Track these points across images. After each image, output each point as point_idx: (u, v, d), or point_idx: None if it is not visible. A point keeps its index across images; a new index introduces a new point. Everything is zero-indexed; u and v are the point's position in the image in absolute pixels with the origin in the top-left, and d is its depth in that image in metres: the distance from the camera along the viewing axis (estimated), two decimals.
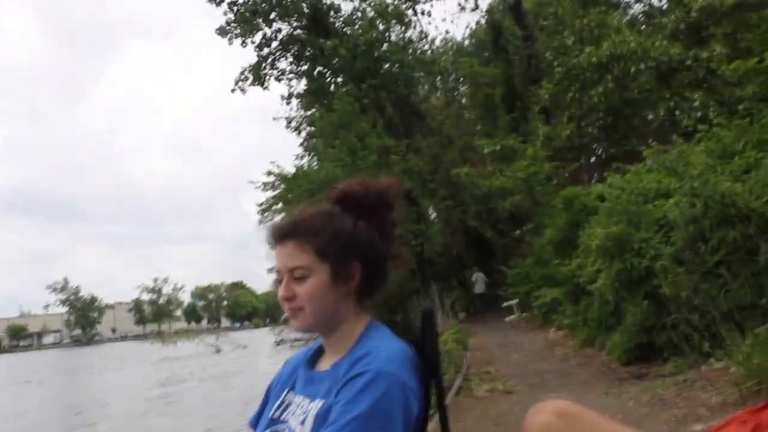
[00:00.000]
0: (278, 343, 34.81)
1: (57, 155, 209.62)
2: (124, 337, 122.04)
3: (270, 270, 1.69)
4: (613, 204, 8.55)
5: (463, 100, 28.80)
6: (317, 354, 1.64)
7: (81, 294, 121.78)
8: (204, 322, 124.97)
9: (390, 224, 1.59)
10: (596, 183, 13.56)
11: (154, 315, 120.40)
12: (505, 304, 19.20)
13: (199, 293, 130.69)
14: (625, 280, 7.77)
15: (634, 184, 8.59)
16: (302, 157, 28.45)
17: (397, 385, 1.37)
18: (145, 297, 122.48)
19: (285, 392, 1.60)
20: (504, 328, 16.52)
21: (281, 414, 1.55)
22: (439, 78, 29.43)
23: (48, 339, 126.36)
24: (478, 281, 23.81)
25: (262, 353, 30.55)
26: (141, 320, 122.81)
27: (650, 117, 13.86)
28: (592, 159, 18.65)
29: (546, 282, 13.50)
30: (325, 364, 1.56)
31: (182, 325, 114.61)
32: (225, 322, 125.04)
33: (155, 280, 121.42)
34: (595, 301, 8.96)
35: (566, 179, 15.77)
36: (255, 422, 1.65)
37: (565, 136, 15.59)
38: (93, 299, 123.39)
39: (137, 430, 10.62)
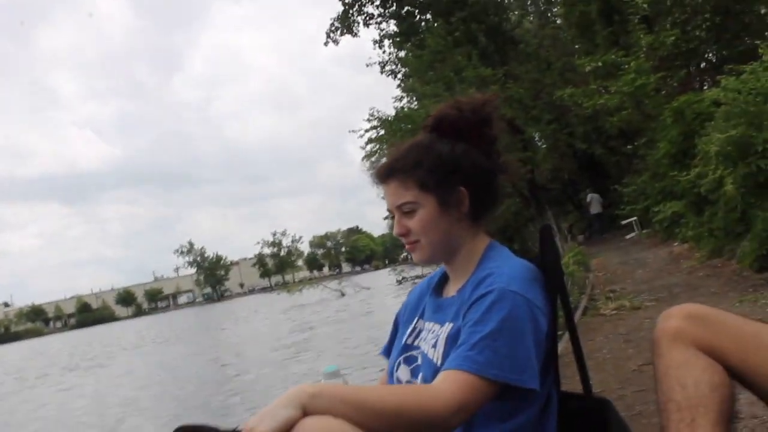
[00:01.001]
0: (400, 282, 35.31)
1: (162, 126, 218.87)
2: (251, 291, 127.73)
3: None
4: (730, 107, 8.15)
5: (558, 21, 27.64)
6: (442, 281, 1.67)
7: (206, 254, 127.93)
8: (325, 270, 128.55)
9: (491, 139, 1.56)
10: (709, 89, 12.85)
11: (277, 267, 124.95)
12: (624, 222, 18.77)
13: (318, 242, 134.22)
14: (752, 184, 7.46)
15: (751, 84, 8.13)
16: (401, 99, 28.39)
17: (523, 302, 1.38)
18: (267, 251, 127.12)
19: (415, 320, 1.65)
20: (625, 247, 16.17)
21: (413, 340, 1.61)
22: (530, 1, 28.37)
23: (182, 299, 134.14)
24: (594, 202, 23.31)
25: (385, 293, 31.29)
26: (265, 273, 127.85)
27: (763, 11, 12.90)
28: (702, 64, 17.60)
29: (665, 196, 13.05)
30: (450, 290, 1.59)
31: (305, 274, 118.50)
32: (345, 268, 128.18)
33: (273, 234, 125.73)
34: (720, 210, 8.64)
35: (675, 89, 15.00)
36: (387, 351, 1.73)
37: (670, 44, 14.73)
38: (218, 258, 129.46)
39: (280, 378, 11.21)
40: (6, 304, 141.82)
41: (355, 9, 26.46)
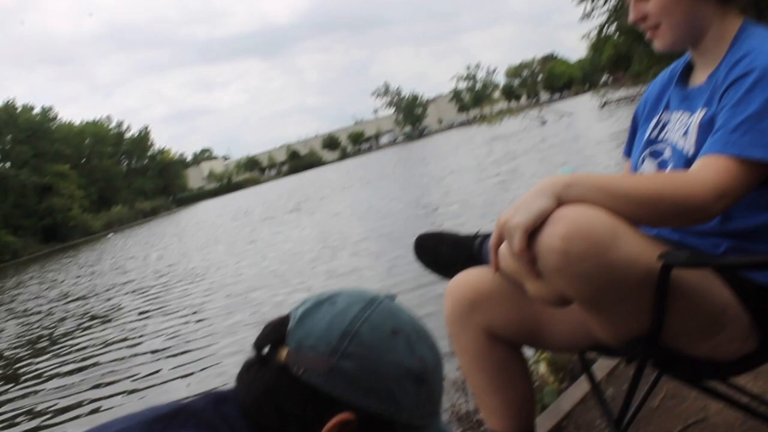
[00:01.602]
0: (603, 106, 33.93)
1: None
2: (450, 126, 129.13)
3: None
4: None
5: None
6: (686, 70, 1.55)
7: (403, 94, 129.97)
8: (523, 100, 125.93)
9: None
10: None
11: (474, 101, 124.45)
12: None
13: (513, 72, 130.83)
14: None
15: None
16: None
17: None
18: (462, 86, 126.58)
19: (659, 113, 1.56)
20: None
21: (659, 134, 1.52)
22: None
23: (383, 140, 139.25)
24: None
25: (588, 118, 30.10)
26: (462, 108, 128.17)
27: None
28: None
29: None
30: (698, 78, 1.47)
31: (502, 105, 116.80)
32: (543, 96, 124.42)
33: (467, 67, 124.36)
34: None
35: None
36: (628, 151, 1.66)
37: None
38: (414, 97, 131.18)
39: (487, 207, 11.34)
40: (225, 158, 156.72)
41: None
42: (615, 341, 1.29)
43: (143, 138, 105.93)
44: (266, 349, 0.89)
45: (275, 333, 0.89)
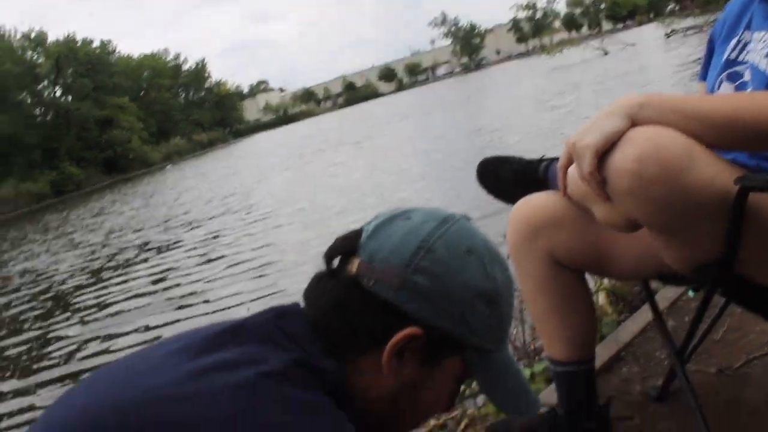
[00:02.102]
0: (669, 35, 32.53)
1: None
2: (508, 57, 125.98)
3: None
4: None
5: None
6: None
7: (460, 24, 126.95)
8: (584, 30, 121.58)
9: None
10: None
11: (533, 31, 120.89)
12: None
13: (574, 1, 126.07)
14: None
15: None
16: None
17: None
18: (521, 15, 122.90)
19: (739, 33, 1.46)
20: None
21: (738, 55, 1.44)
22: None
23: (440, 71, 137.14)
24: None
25: (652, 48, 28.93)
26: (521, 38, 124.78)
27: None
28: None
29: None
30: None
31: (562, 35, 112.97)
32: (606, 26, 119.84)
33: None
34: None
35: None
36: (703, 76, 1.58)
37: None
38: (472, 26, 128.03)
39: (549, 136, 11.12)
40: (281, 90, 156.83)
41: None
42: (684, 268, 1.25)
43: (200, 70, 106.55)
44: (336, 262, 0.89)
45: (346, 245, 0.88)
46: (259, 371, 0.73)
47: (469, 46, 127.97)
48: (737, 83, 1.40)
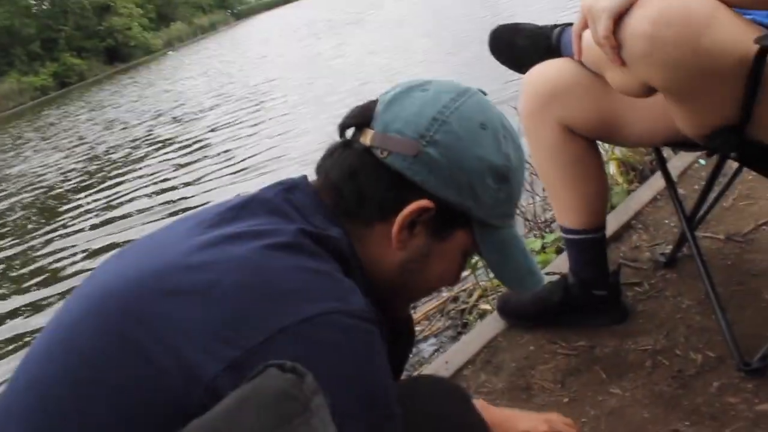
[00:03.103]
0: None
1: None
2: None
3: None
4: None
5: None
6: None
7: None
8: None
9: None
10: None
11: None
12: None
13: None
14: None
15: None
16: None
17: None
18: None
19: None
20: None
21: None
22: None
23: None
24: None
25: None
26: None
27: None
28: None
29: None
30: None
31: None
32: None
33: None
34: None
35: None
36: None
37: None
38: None
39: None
40: None
41: None
42: (698, 133, 1.24)
43: None
44: (351, 132, 0.89)
45: (361, 116, 0.88)
46: (264, 243, 0.74)
47: None
48: None
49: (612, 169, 2.64)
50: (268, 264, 0.73)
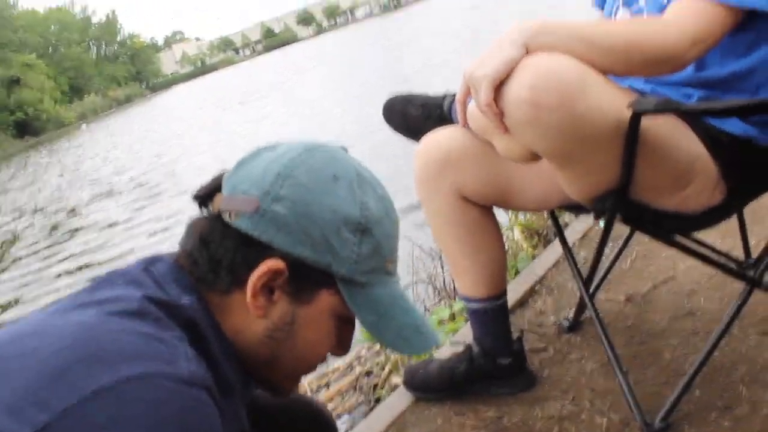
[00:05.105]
0: None
1: None
2: None
3: None
4: None
5: None
6: None
7: None
8: None
9: None
10: None
11: None
12: None
13: None
14: None
15: None
16: None
17: None
18: None
19: None
20: None
21: None
22: None
23: (359, 13, 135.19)
24: None
25: None
26: None
27: None
28: None
29: None
30: None
31: None
32: None
33: None
34: None
35: None
36: (600, 2, 1.54)
37: None
38: None
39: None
40: (197, 39, 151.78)
41: None
42: (584, 196, 1.26)
43: (111, 23, 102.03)
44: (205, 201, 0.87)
45: (212, 184, 0.87)
46: (106, 310, 0.72)
47: None
48: (633, 8, 1.39)
49: (516, 234, 2.68)
50: (102, 328, 0.69)
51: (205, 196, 0.87)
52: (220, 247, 0.81)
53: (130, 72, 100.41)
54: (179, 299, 0.77)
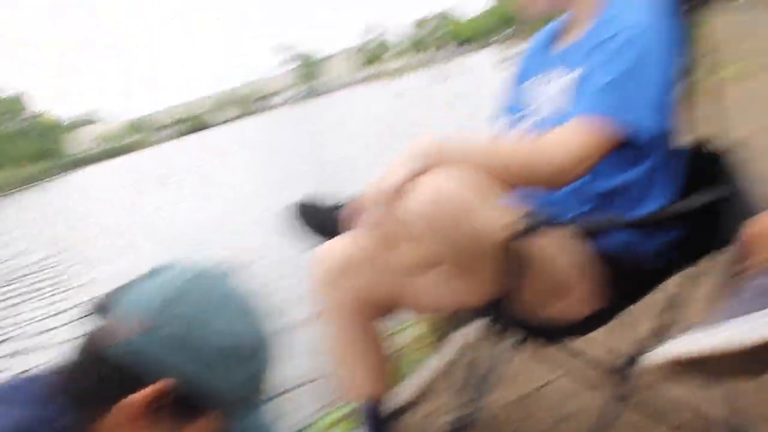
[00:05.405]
0: (502, 62, 34.69)
1: None
2: (350, 83, 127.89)
3: None
4: None
5: None
6: (557, 35, 1.58)
7: (300, 50, 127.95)
8: (428, 53, 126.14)
9: None
10: None
11: (371, 58, 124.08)
12: None
13: (411, 31, 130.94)
14: None
15: None
16: None
17: (655, 41, 1.32)
18: (359, 42, 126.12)
19: (535, 74, 1.57)
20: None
21: (532, 95, 1.55)
22: None
23: (279, 99, 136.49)
24: None
25: (487, 74, 30.40)
26: (366, 63, 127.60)
27: None
28: None
29: None
30: (573, 38, 1.50)
31: (407, 59, 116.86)
32: (449, 49, 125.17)
33: (365, 25, 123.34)
34: None
35: None
36: (500, 115, 1.66)
37: None
38: (310, 55, 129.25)
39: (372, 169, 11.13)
40: (112, 119, 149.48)
41: None
42: (474, 303, 1.35)
43: (15, 100, 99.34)
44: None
45: (102, 303, 0.87)
46: None
47: (310, 73, 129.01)
48: (532, 121, 1.51)
49: (406, 337, 2.68)
50: None
51: (97, 312, 0.87)
52: (103, 369, 0.82)
53: (38, 150, 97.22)
54: (60, 419, 0.78)
